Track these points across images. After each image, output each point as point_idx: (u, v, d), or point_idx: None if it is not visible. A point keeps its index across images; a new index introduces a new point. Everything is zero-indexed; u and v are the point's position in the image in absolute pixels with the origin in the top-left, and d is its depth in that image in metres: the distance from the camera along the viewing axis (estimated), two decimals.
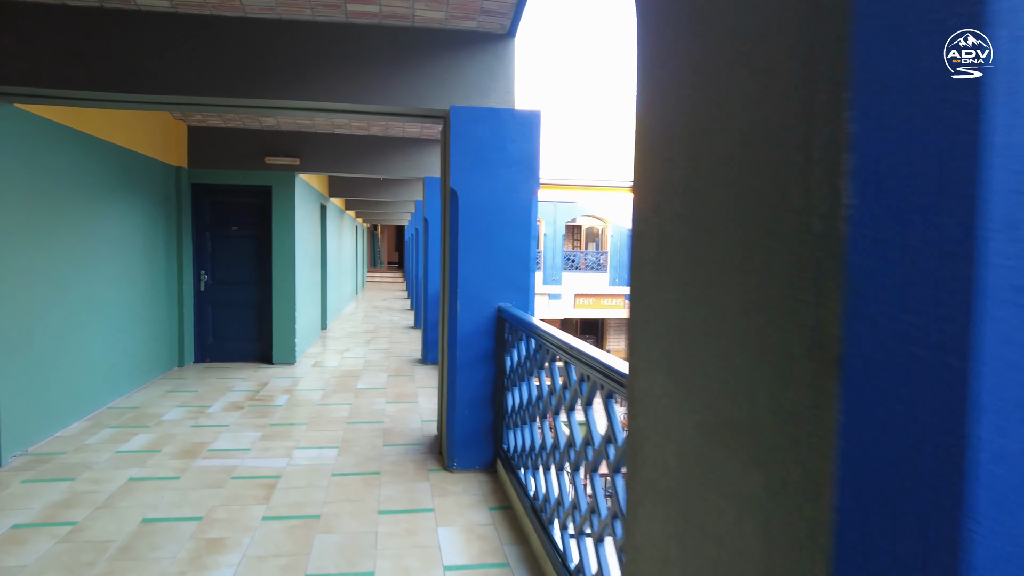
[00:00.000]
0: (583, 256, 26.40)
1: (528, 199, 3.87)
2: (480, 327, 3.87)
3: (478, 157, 3.82)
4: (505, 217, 3.85)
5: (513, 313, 3.55)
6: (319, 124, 7.42)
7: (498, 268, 3.85)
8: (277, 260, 7.81)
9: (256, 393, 6.21)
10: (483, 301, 3.86)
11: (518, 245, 3.87)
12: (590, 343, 14.79)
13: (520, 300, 3.89)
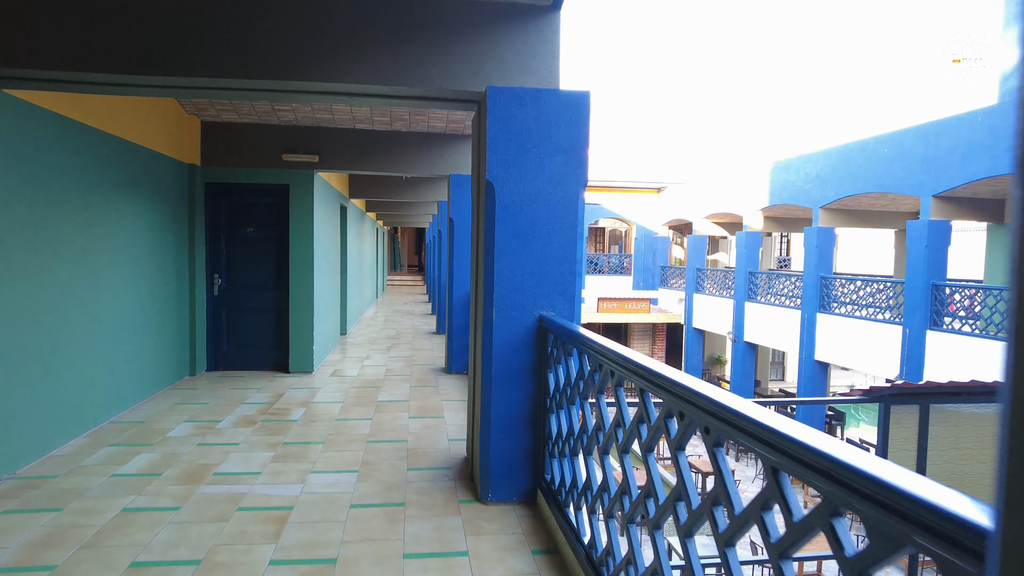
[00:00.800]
0: (606, 259, 25.81)
1: (575, 193, 3.38)
2: (519, 338, 3.38)
3: (518, 145, 3.34)
4: (549, 214, 3.35)
5: (559, 324, 3.05)
6: (339, 118, 6.99)
7: (540, 272, 3.36)
8: (295, 263, 7.39)
9: (271, 406, 5.77)
10: (522, 309, 3.37)
11: (563, 246, 3.37)
12: None
13: (565, 308, 3.39)
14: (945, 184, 11.61)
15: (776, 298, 17.47)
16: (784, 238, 29.53)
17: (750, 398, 18.03)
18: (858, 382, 29.61)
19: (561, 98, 3.39)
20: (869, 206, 15.60)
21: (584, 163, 3.39)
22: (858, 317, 13.83)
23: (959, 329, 11.52)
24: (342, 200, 10.00)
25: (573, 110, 3.39)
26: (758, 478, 14.87)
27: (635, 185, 24.60)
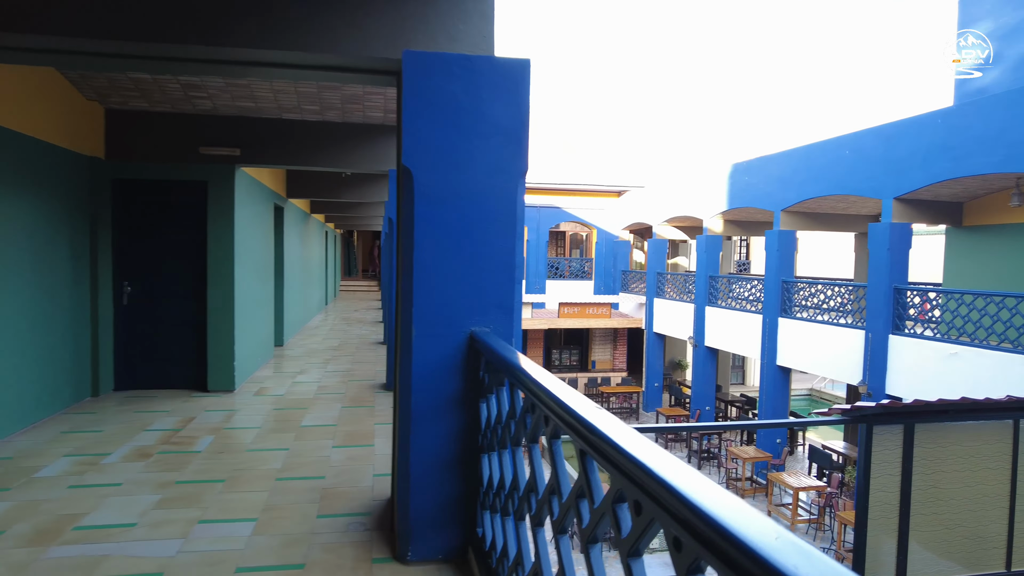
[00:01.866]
0: (567, 263, 25.37)
1: (514, 184, 2.77)
2: (445, 361, 2.75)
3: (444, 123, 2.71)
4: (484, 208, 2.73)
5: (490, 344, 2.43)
6: (264, 107, 6.26)
7: (473, 279, 2.73)
8: (213, 269, 6.61)
9: (175, 434, 5.00)
10: (450, 325, 2.74)
11: (501, 248, 2.75)
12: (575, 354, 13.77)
13: (503, 323, 2.78)
14: (906, 186, 11.43)
15: (737, 302, 17.24)
16: (744, 242, 29.60)
17: (711, 403, 17.73)
18: (817, 384, 29.86)
19: (496, 67, 2.78)
20: (830, 209, 15.46)
21: (524, 147, 2.78)
22: (820, 322, 13.61)
23: (921, 333, 11.33)
24: (277, 200, 9.21)
25: (511, 82, 2.78)
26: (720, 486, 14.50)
27: (595, 188, 24.25)
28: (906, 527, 4.04)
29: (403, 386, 2.83)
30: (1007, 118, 9.73)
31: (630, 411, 21.11)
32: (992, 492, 4.22)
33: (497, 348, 2.32)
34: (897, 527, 4.04)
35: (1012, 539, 4.27)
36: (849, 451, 15.08)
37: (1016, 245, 11.87)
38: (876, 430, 3.96)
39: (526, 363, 1.96)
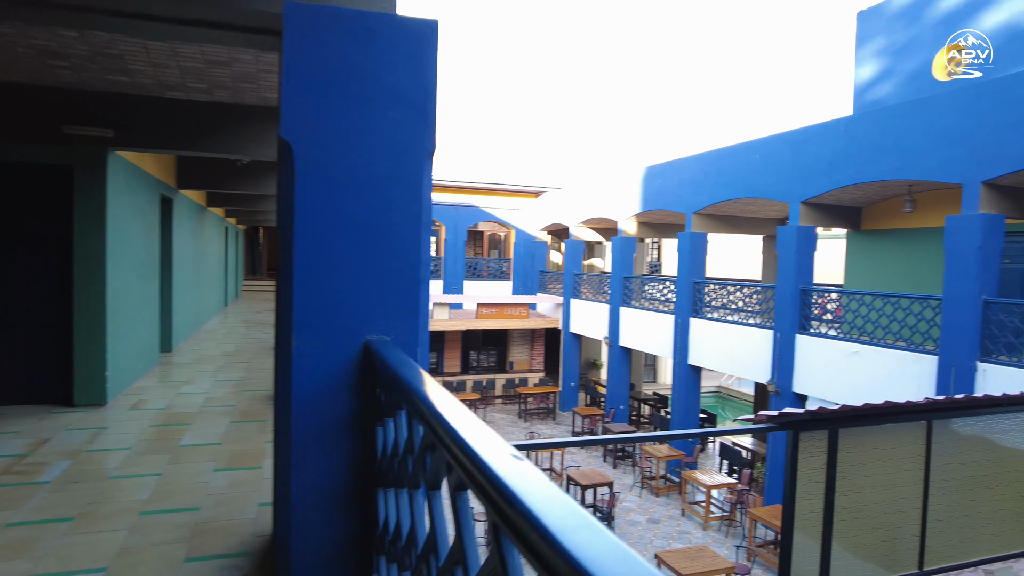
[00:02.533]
0: (486, 264, 25.05)
1: (418, 166, 2.34)
2: (334, 377, 2.28)
3: (332, 90, 2.25)
4: (379, 192, 2.29)
5: (386, 357, 2.00)
6: (141, 83, 5.49)
7: (367, 277, 2.28)
8: (81, 266, 5.76)
9: (19, 460, 4.22)
10: (342, 332, 2.28)
11: (401, 239, 2.32)
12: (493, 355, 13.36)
13: (407, 329, 2.35)
14: (812, 191, 11.84)
15: (650, 303, 17.47)
16: (655, 244, 30.33)
17: (625, 402, 17.87)
18: (724, 382, 31.01)
19: (399, 27, 2.35)
20: (740, 212, 15.91)
21: (431, 122, 2.36)
22: (730, 322, 13.94)
23: (826, 333, 11.77)
24: (164, 190, 8.30)
25: (416, 45, 2.36)
26: (635, 486, 14.64)
27: (514, 188, 24.08)
28: (830, 531, 3.93)
29: (282, 407, 2.35)
30: (902, 128, 10.22)
31: (547, 411, 21.04)
32: (908, 494, 4.20)
33: (394, 363, 1.89)
34: (821, 531, 3.93)
35: (924, 539, 4.27)
36: (758, 447, 15.58)
37: (908, 249, 12.58)
38: (803, 436, 3.82)
39: (428, 386, 1.55)
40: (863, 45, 13.55)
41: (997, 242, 9.02)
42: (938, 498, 4.25)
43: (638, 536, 12.19)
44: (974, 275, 9.00)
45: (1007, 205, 9.36)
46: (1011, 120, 8.77)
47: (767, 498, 12.50)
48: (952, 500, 4.32)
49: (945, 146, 9.53)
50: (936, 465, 4.23)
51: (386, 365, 1.97)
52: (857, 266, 13.71)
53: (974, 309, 8.99)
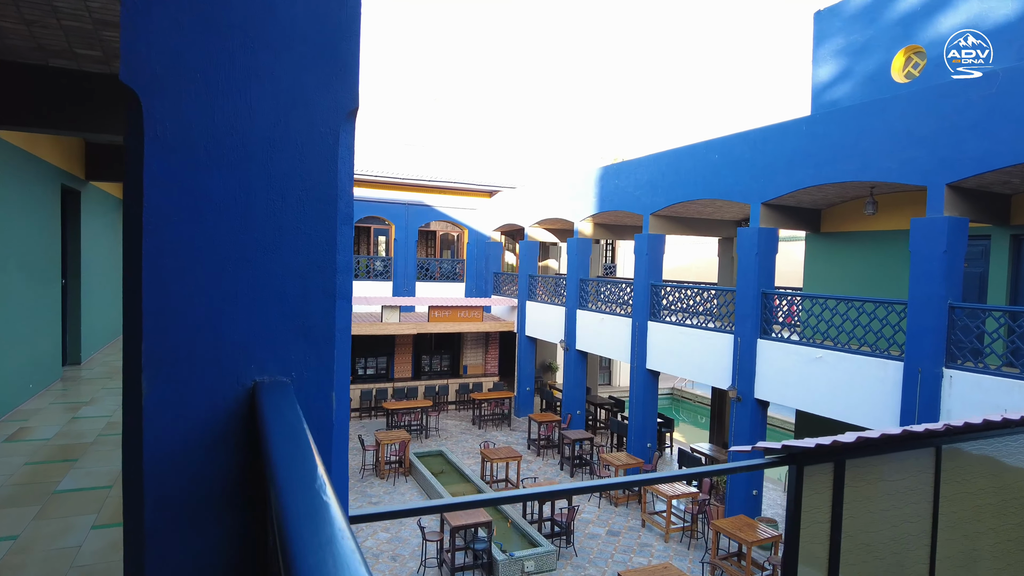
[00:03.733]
0: (438, 265, 24.25)
1: (332, 130, 1.64)
2: (205, 435, 1.56)
3: (198, 17, 1.53)
4: (273, 167, 1.58)
5: (268, 416, 1.30)
6: (16, 47, 4.57)
7: (252, 294, 1.57)
8: None
9: None
10: (214, 373, 1.55)
11: (307, 237, 1.61)
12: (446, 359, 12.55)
13: (312, 367, 1.64)
14: (773, 192, 11.56)
15: (607, 305, 17.05)
16: (609, 245, 30.09)
17: (581, 407, 17.40)
18: (678, 384, 31.00)
19: None
20: (697, 213, 15.63)
21: (350, 69, 1.67)
22: (690, 325, 13.59)
23: (788, 337, 11.49)
24: (68, 180, 7.28)
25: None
26: (594, 495, 14.13)
27: (467, 187, 23.37)
28: (836, 567, 3.40)
29: (130, 478, 1.61)
30: (863, 128, 9.99)
31: (502, 417, 20.41)
32: (916, 528, 3.72)
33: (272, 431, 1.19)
34: (827, 567, 3.39)
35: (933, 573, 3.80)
36: (716, 453, 15.30)
37: (869, 251, 12.45)
38: (807, 470, 3.28)
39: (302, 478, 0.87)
40: (821, 45, 13.41)
41: (962, 246, 8.84)
42: (947, 531, 3.80)
43: (598, 551, 11.67)
44: (940, 279, 8.79)
45: (969, 208, 9.21)
46: (972, 121, 8.59)
47: (729, 508, 12.17)
48: (960, 533, 3.88)
49: (907, 147, 9.32)
50: (945, 495, 3.77)
51: (277, 419, 1.28)
52: (816, 269, 13.55)
53: (939, 314, 8.78)
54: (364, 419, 20.34)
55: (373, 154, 23.01)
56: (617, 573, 9.20)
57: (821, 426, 12.71)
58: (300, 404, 1.60)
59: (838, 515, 3.42)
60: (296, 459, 1.18)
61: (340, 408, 1.69)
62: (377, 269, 22.60)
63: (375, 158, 22.75)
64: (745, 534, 10.38)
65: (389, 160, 22.96)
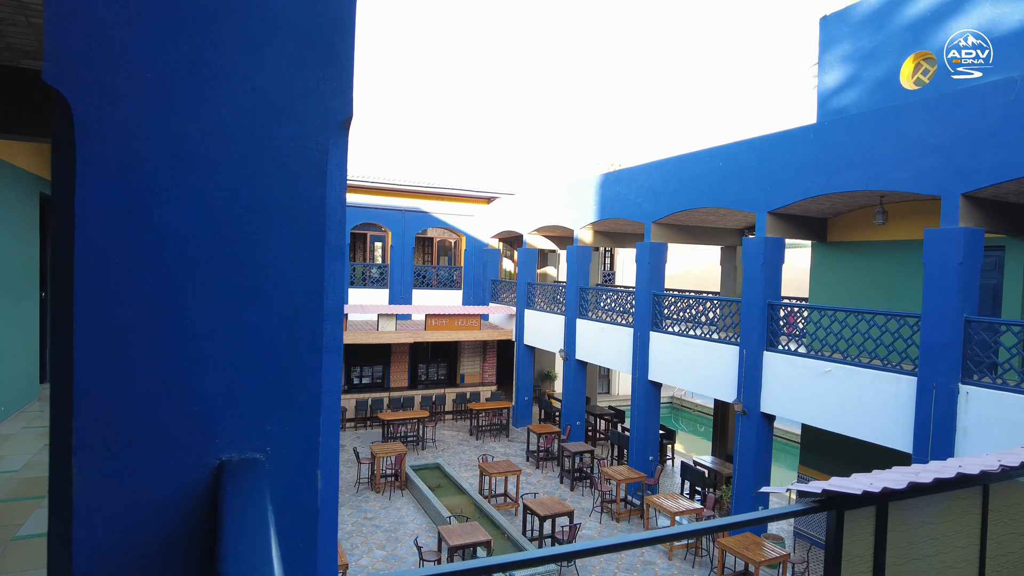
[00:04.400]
0: (435, 272, 23.93)
1: (321, 143, 1.32)
2: (161, 526, 1.23)
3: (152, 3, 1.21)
4: (245, 189, 1.26)
5: (242, 503, 0.99)
6: None
7: (217, 347, 1.25)
8: None
9: None
10: (171, 450, 1.23)
11: (287, 274, 1.29)
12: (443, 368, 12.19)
13: (294, 441, 1.31)
14: (779, 201, 11.28)
15: (608, 315, 16.74)
16: (608, 253, 29.82)
17: (581, 418, 17.07)
18: (678, 393, 30.70)
19: None
20: (700, 221, 15.35)
21: (344, 70, 1.35)
22: (693, 336, 13.29)
23: (795, 350, 11.19)
24: (48, 188, 6.95)
25: None
26: (595, 510, 13.78)
27: (465, 194, 23.08)
28: None
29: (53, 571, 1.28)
30: (874, 136, 9.72)
31: (500, 428, 20.05)
32: (963, 574, 3.41)
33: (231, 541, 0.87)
34: None
35: None
36: (719, 467, 14.98)
37: (877, 262, 12.17)
38: (848, 516, 2.96)
39: None
40: (827, 51, 13.16)
41: (978, 257, 8.56)
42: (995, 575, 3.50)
43: (600, 569, 11.32)
44: (955, 291, 8.50)
45: (985, 218, 8.94)
46: (990, 130, 8.33)
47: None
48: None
49: (921, 156, 9.05)
50: (993, 537, 3.46)
51: (219, 529, 0.96)
52: (823, 279, 13.27)
53: (955, 327, 8.49)
54: (359, 430, 19.96)
55: (369, 160, 22.71)
56: None
57: (828, 441, 12.41)
58: (277, 486, 1.28)
59: (881, 563, 3.10)
60: (249, 565, 0.86)
61: (327, 486, 1.37)
62: (373, 276, 22.26)
63: (371, 164, 22.45)
64: (752, 553, 10.05)
65: (386, 166, 22.65)
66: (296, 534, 1.30)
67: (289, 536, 1.29)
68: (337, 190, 1.34)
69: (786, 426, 22.80)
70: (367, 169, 21.94)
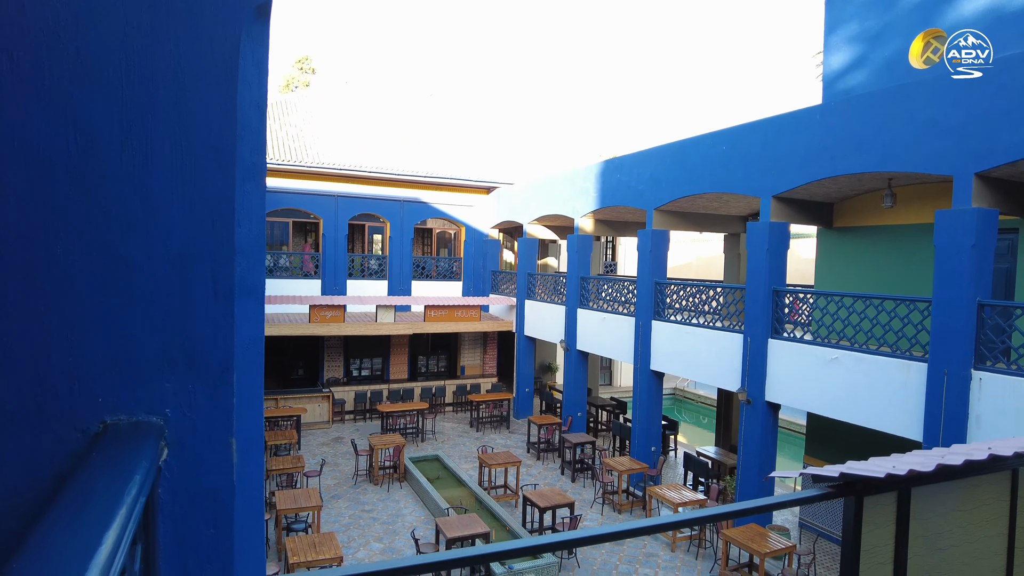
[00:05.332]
0: (435, 263, 23.67)
1: (232, 37, 1.06)
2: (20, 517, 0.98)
3: None
4: (134, 97, 1.00)
5: (103, 468, 0.73)
6: None
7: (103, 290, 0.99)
8: None
9: None
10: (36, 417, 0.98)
11: (191, 204, 1.04)
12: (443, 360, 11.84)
13: (204, 397, 1.06)
14: (785, 184, 10.98)
15: (609, 304, 16.48)
16: (610, 242, 29.53)
17: (582, 409, 16.84)
18: (680, 384, 30.45)
19: None
20: (703, 208, 15.06)
21: None
22: (696, 325, 13.01)
23: (801, 337, 10.92)
24: None
25: None
26: (596, 502, 13.55)
27: (464, 183, 22.78)
28: None
29: None
30: (883, 117, 9.41)
31: (500, 420, 19.84)
32: (991, 565, 3.16)
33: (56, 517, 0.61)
34: None
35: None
36: (723, 457, 14.74)
37: (885, 247, 11.88)
38: (867, 502, 2.71)
39: None
40: (833, 32, 12.83)
41: (991, 239, 8.27)
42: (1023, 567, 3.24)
43: (602, 562, 11.10)
44: (967, 275, 8.21)
45: (998, 199, 8.64)
46: (1006, 107, 8.02)
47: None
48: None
49: (933, 136, 8.74)
50: (1022, 525, 3.21)
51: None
52: (829, 266, 12.98)
53: (968, 312, 8.21)
54: (358, 422, 19.76)
55: (367, 148, 22.42)
56: None
57: (834, 430, 12.16)
58: (181, 457, 1.02)
59: (903, 554, 2.85)
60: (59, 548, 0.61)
61: (247, 462, 1.11)
62: (372, 268, 22.01)
63: (369, 153, 22.16)
64: (757, 544, 9.82)
65: (384, 156, 22.35)
66: (204, 512, 1.05)
67: (195, 514, 1.04)
68: (253, 93, 1.08)
69: (791, 416, 22.55)
70: (364, 158, 21.66)
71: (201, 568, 1.06)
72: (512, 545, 2.12)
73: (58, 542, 0.62)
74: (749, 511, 2.37)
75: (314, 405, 18.79)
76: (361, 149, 22.32)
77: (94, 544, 0.62)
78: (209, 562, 1.07)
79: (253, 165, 1.08)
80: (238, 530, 1.11)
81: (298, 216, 22.19)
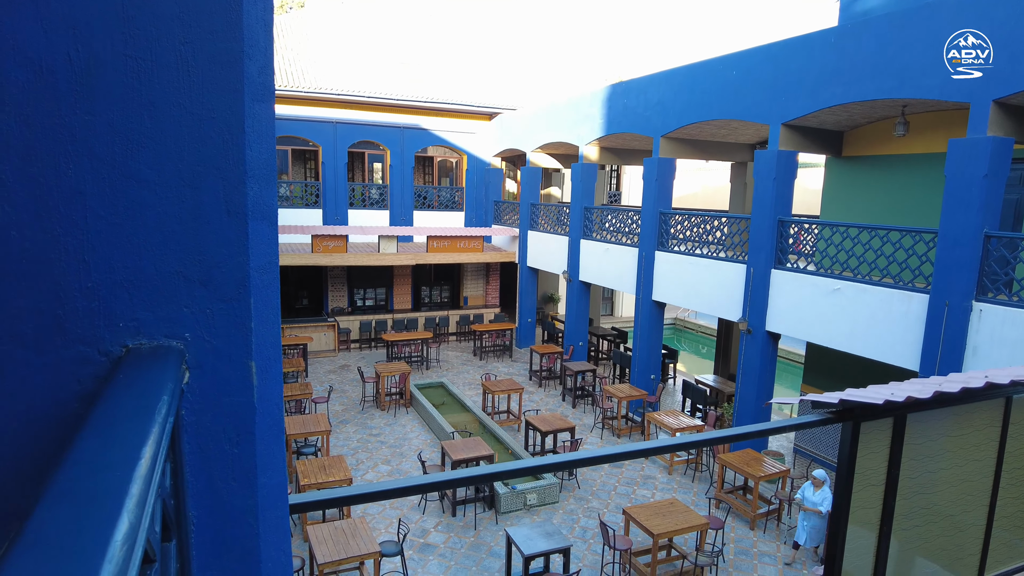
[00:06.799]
0: (436, 192, 23.44)
1: None
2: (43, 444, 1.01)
3: None
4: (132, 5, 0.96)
5: (135, 387, 0.74)
6: None
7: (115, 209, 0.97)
8: None
9: None
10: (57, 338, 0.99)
11: (199, 122, 1.01)
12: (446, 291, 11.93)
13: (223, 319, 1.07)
14: (795, 111, 10.70)
15: (613, 235, 16.41)
16: (614, 172, 29.12)
17: (584, 339, 17.06)
18: (680, 314, 30.73)
19: None
20: (710, 136, 14.75)
21: None
22: (700, 255, 13.00)
23: (804, 268, 10.93)
24: None
25: None
26: (596, 427, 13.96)
27: (466, 109, 22.21)
28: (888, 527, 2.98)
29: None
30: (900, 39, 9.06)
31: (503, 349, 20.17)
32: (976, 487, 3.28)
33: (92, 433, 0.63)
34: (878, 527, 2.98)
35: (989, 536, 3.40)
36: (721, 385, 15.05)
37: (894, 177, 11.70)
38: (864, 427, 2.78)
39: None
40: None
41: (1004, 169, 8.13)
42: (1008, 490, 3.37)
43: (601, 483, 11.54)
44: (977, 206, 8.12)
45: (1014, 127, 8.43)
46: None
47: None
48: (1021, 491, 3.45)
49: (952, 60, 8.43)
50: (1011, 450, 3.31)
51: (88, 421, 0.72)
52: (837, 196, 12.83)
53: (973, 243, 8.17)
54: (364, 350, 20.11)
55: (365, 73, 21.76)
56: (622, 509, 9.01)
57: (833, 360, 12.35)
58: (202, 379, 1.04)
59: (894, 476, 2.95)
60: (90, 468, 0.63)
61: (266, 385, 1.13)
62: (373, 197, 21.81)
63: (367, 77, 21.52)
64: (752, 468, 10.17)
65: (382, 80, 21.71)
66: (227, 432, 1.08)
67: (217, 434, 1.07)
68: (259, 8, 1.03)
69: (789, 346, 22.87)
70: (363, 83, 21.05)
71: (226, 484, 1.10)
72: (514, 465, 2.19)
73: (97, 456, 0.64)
74: (750, 435, 2.44)
75: (320, 334, 19.07)
76: (359, 73, 21.67)
77: (134, 457, 0.64)
78: (234, 479, 1.11)
79: (262, 86, 1.04)
80: (259, 449, 1.14)
81: (296, 144, 21.80)
